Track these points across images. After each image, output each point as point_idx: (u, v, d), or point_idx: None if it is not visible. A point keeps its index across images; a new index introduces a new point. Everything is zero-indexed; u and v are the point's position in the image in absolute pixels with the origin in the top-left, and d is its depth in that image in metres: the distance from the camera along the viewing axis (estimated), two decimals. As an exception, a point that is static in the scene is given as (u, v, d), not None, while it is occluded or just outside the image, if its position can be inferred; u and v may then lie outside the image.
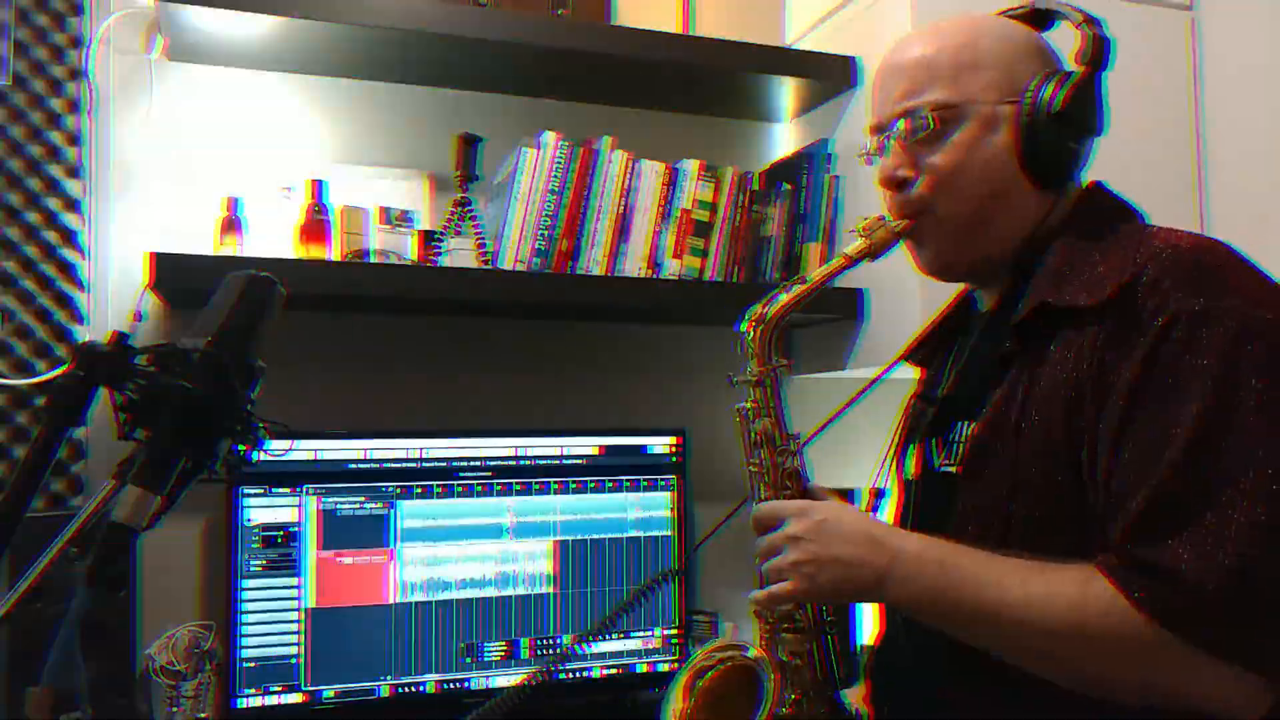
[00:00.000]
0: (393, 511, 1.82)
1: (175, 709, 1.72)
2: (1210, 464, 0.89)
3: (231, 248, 1.79)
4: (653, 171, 1.98)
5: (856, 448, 1.45)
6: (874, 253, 1.13)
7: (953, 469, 1.08)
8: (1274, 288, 0.97)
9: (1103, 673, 0.92)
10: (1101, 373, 0.96)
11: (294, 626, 1.75)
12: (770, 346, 1.15)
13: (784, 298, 1.15)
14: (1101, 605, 0.90)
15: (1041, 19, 1.16)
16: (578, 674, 1.93)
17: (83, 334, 1.81)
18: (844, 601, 1.25)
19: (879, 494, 1.20)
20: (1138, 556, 0.90)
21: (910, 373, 1.29)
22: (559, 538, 1.92)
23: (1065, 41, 1.14)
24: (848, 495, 1.24)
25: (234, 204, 1.82)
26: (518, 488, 1.90)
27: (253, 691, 1.73)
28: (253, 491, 1.74)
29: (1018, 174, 1.08)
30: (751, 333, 1.15)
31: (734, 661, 1.21)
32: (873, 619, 1.26)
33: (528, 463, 1.92)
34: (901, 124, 1.09)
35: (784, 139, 2.33)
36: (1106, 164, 1.22)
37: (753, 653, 1.19)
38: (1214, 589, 0.86)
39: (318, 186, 1.85)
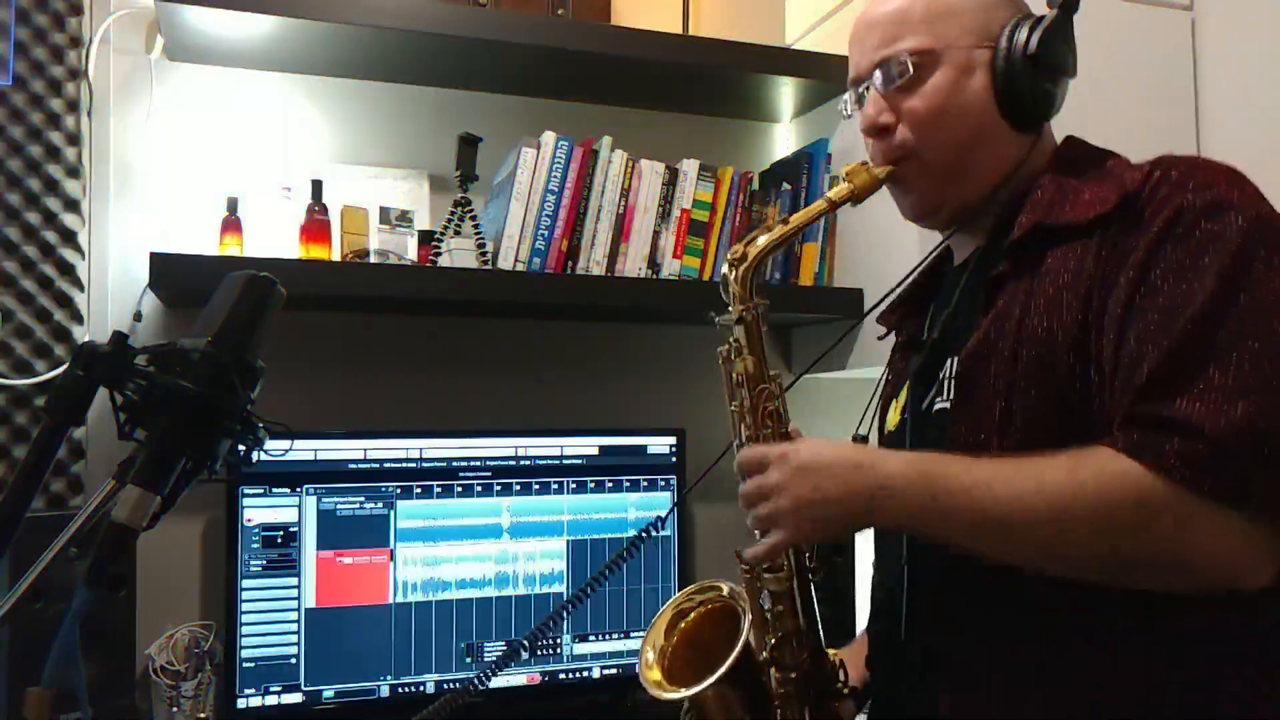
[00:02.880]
0: (393, 511, 1.82)
1: (175, 709, 1.72)
2: (1219, 330, 0.90)
3: (233, 248, 1.80)
4: (653, 171, 1.98)
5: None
6: (857, 197, 1.13)
7: (946, 404, 1.08)
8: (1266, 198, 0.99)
9: (1108, 548, 0.91)
10: (1108, 269, 0.97)
11: (294, 626, 1.75)
12: (751, 286, 1.14)
13: (764, 239, 1.14)
14: (1099, 478, 0.90)
15: None
16: (578, 674, 1.93)
17: (82, 334, 1.81)
18: (841, 538, 1.23)
19: (862, 440, 1.19)
20: (1147, 415, 0.90)
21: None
22: (570, 537, 1.92)
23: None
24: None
25: (234, 204, 1.82)
26: (517, 488, 1.90)
27: (252, 691, 1.73)
28: (253, 491, 1.74)
29: (996, 116, 1.09)
30: (733, 273, 1.15)
31: (715, 603, 1.21)
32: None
33: (527, 463, 1.92)
34: (879, 73, 1.11)
35: (784, 139, 2.33)
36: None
37: (727, 590, 1.19)
38: (1225, 440, 0.86)
39: (317, 186, 1.85)
